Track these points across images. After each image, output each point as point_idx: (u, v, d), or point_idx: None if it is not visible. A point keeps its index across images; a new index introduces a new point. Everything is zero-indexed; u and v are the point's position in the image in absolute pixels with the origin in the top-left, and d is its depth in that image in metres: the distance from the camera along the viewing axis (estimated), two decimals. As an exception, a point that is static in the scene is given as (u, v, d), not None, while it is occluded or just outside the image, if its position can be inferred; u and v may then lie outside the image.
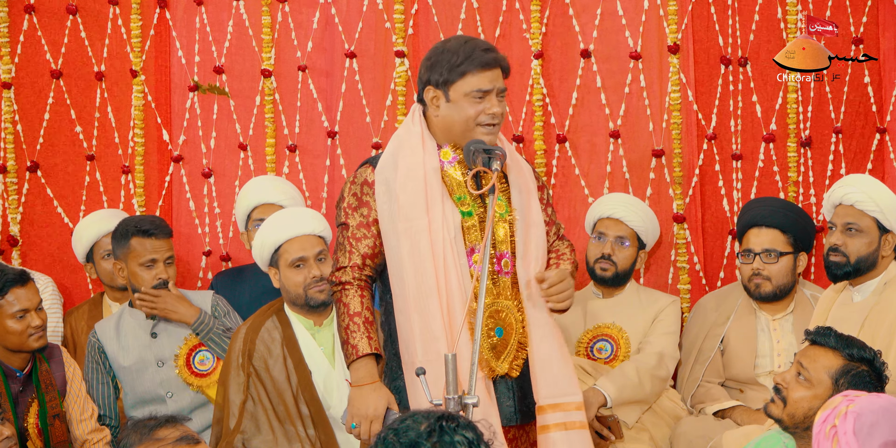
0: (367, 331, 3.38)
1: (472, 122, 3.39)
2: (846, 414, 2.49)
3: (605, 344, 4.50)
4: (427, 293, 3.35)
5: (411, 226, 3.38)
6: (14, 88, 5.03)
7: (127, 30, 5.00)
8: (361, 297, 3.42)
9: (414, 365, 3.36)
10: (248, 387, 3.93)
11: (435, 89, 3.41)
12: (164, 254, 4.35)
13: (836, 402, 2.56)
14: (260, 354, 3.97)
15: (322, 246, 4.01)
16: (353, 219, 3.45)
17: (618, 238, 4.52)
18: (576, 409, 3.47)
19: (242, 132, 4.98)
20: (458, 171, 3.45)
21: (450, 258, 3.36)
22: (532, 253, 3.47)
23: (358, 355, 3.37)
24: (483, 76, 3.38)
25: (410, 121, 3.51)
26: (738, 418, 4.32)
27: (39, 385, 3.96)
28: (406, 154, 3.44)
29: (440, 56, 3.41)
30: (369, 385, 3.37)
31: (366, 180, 3.45)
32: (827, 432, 2.50)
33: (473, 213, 3.43)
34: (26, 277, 3.97)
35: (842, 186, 4.11)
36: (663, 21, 4.77)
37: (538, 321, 3.46)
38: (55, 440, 3.95)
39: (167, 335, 4.33)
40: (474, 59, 3.38)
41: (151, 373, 4.30)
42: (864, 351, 3.20)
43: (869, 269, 4.03)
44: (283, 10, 4.95)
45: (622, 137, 4.83)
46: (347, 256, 3.44)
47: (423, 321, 3.35)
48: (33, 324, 3.90)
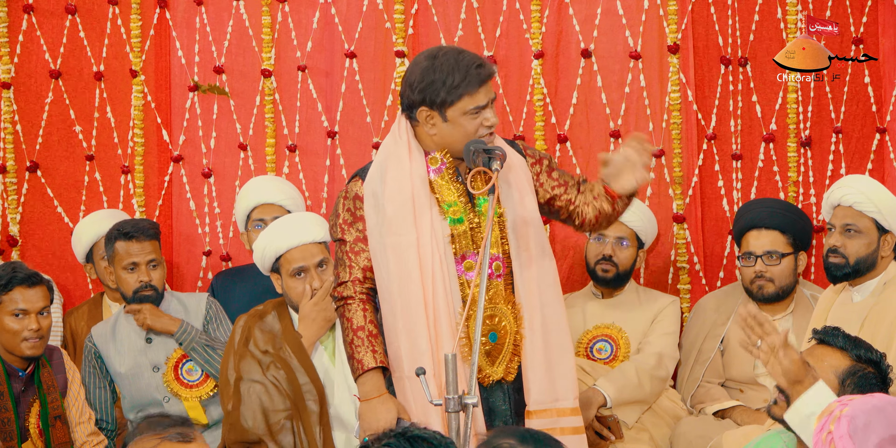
0: (371, 345, 3.40)
1: (473, 136, 3.38)
2: (840, 418, 2.50)
3: (605, 344, 4.50)
4: (414, 309, 3.36)
5: (399, 240, 3.38)
6: (13, 88, 5.02)
7: (127, 30, 4.99)
8: (364, 311, 3.43)
9: (402, 379, 3.40)
10: (239, 368, 3.93)
11: (429, 110, 3.38)
12: (145, 257, 4.30)
13: (832, 408, 2.57)
14: (256, 341, 3.97)
15: (323, 254, 3.99)
16: (350, 234, 3.46)
17: (618, 239, 4.52)
18: (569, 415, 3.47)
19: (242, 132, 4.98)
20: (445, 178, 3.45)
21: (437, 272, 3.36)
22: (527, 252, 3.46)
23: (363, 370, 3.39)
24: (479, 94, 3.36)
25: (397, 131, 3.48)
26: (738, 418, 4.33)
27: (41, 385, 3.95)
28: (393, 165, 3.43)
29: (433, 76, 3.35)
30: (377, 398, 3.38)
31: (356, 194, 3.46)
32: (824, 439, 2.51)
33: (464, 220, 3.43)
34: (36, 280, 3.94)
35: (840, 187, 4.11)
36: (663, 21, 4.77)
37: (535, 326, 3.45)
38: (56, 441, 3.94)
39: (162, 340, 4.32)
40: (470, 79, 3.34)
41: (147, 378, 4.29)
42: (871, 353, 3.19)
43: (868, 270, 4.03)
44: (283, 10, 4.94)
45: (622, 137, 4.82)
46: (348, 271, 3.45)
47: (410, 337, 3.37)
48: (30, 326, 3.87)
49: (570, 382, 3.51)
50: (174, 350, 4.31)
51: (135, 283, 4.30)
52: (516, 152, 3.55)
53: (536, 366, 3.44)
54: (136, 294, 4.31)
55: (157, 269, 4.35)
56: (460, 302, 3.38)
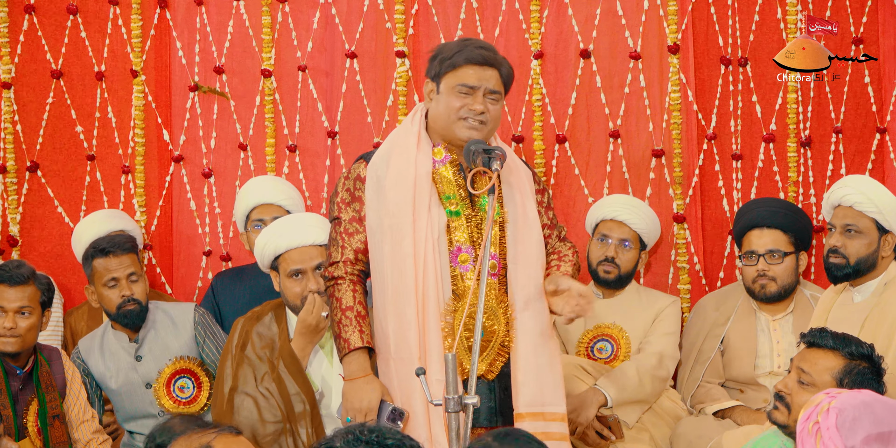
0: (358, 325, 3.42)
1: (454, 114, 3.41)
2: (828, 410, 2.51)
3: (606, 344, 4.50)
4: (405, 293, 3.38)
5: (396, 223, 3.40)
6: (14, 88, 5.03)
7: (127, 30, 5.00)
8: (354, 292, 3.46)
9: (387, 360, 3.41)
10: (236, 376, 3.92)
11: (431, 81, 3.49)
12: (124, 270, 4.25)
13: (819, 399, 2.58)
14: (254, 345, 3.96)
15: (322, 257, 3.95)
16: (346, 213, 3.49)
17: (621, 240, 4.52)
18: (558, 420, 3.47)
19: (242, 132, 4.98)
20: (449, 171, 3.46)
21: (430, 261, 3.38)
22: (524, 254, 3.47)
23: (350, 349, 3.41)
24: (471, 71, 3.42)
25: (410, 119, 3.54)
26: (738, 418, 4.33)
27: (40, 384, 3.95)
28: (399, 152, 3.47)
29: (440, 50, 3.49)
30: (362, 378, 3.40)
31: (358, 175, 3.50)
32: (810, 429, 2.52)
33: (461, 213, 3.45)
34: (21, 280, 3.91)
35: (840, 188, 4.11)
36: (663, 21, 4.77)
37: (526, 327, 3.45)
38: (54, 441, 3.94)
39: (152, 357, 4.29)
40: (464, 53, 3.43)
41: (140, 394, 4.26)
42: (861, 347, 3.20)
43: (869, 270, 4.03)
44: (284, 11, 4.95)
45: (622, 137, 4.83)
46: (340, 251, 3.48)
47: (398, 320, 3.39)
48: (4, 324, 3.86)
49: (559, 389, 3.51)
50: (166, 366, 4.28)
51: (117, 298, 4.25)
52: (525, 168, 3.60)
53: (527, 367, 3.44)
54: (119, 309, 4.26)
55: (139, 283, 4.29)
56: (450, 292, 3.39)
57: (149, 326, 4.32)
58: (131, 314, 4.27)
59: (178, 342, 4.31)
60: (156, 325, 4.32)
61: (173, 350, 4.29)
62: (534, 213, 3.52)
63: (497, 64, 3.46)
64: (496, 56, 3.47)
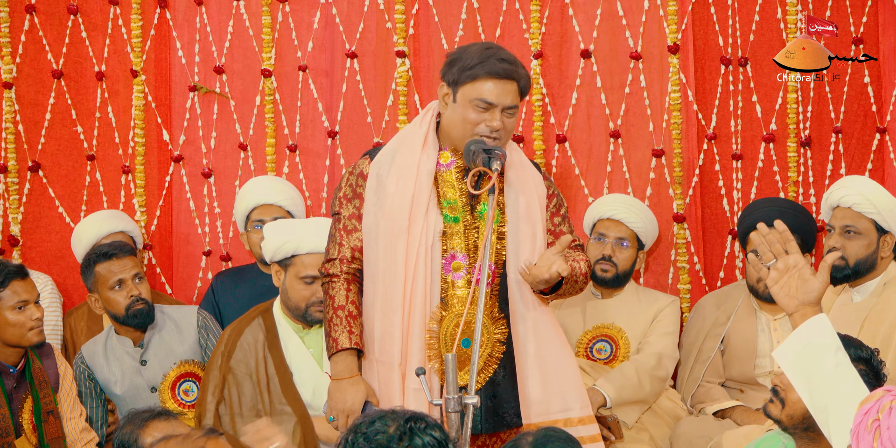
0: (348, 325, 3.41)
1: (471, 129, 3.36)
2: (891, 409, 2.46)
3: (605, 344, 4.50)
4: (393, 297, 3.37)
5: (391, 225, 3.39)
6: (15, 88, 5.03)
7: (127, 30, 5.00)
8: (347, 291, 3.45)
9: (372, 361, 3.43)
10: (223, 388, 3.91)
11: (447, 87, 3.41)
12: (129, 272, 4.26)
13: (879, 395, 2.52)
14: (239, 357, 3.93)
15: None
16: (346, 209, 3.48)
17: (618, 239, 4.52)
18: (576, 425, 3.44)
19: (242, 132, 4.99)
20: (453, 175, 3.44)
21: (421, 267, 3.36)
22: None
23: (337, 349, 3.41)
24: (490, 85, 3.34)
25: (420, 119, 3.51)
26: (738, 418, 4.32)
27: (33, 381, 3.95)
28: (404, 152, 3.45)
29: (460, 55, 3.40)
30: (347, 379, 3.40)
31: (361, 172, 3.48)
32: (869, 425, 2.46)
33: (460, 220, 3.43)
34: (25, 271, 3.96)
35: (839, 189, 4.11)
36: (663, 21, 4.78)
37: (527, 334, 3.44)
38: (49, 436, 3.94)
39: (157, 361, 4.28)
40: (486, 65, 3.34)
41: (145, 398, 4.25)
42: (861, 350, 3.19)
43: (868, 271, 4.03)
44: (284, 10, 4.95)
45: (622, 137, 4.83)
46: (337, 249, 3.47)
47: (384, 324, 3.39)
48: (34, 316, 3.89)
49: (573, 390, 3.49)
50: (171, 369, 4.28)
51: (125, 299, 4.24)
52: (535, 170, 3.56)
53: (531, 376, 3.43)
54: (129, 310, 4.25)
55: (143, 283, 4.29)
56: (438, 300, 3.38)
57: (153, 330, 4.32)
58: (141, 313, 4.26)
59: (182, 346, 4.31)
60: (160, 329, 4.32)
61: (177, 354, 4.29)
62: (537, 216, 3.49)
63: (517, 77, 3.38)
64: (518, 69, 3.38)
